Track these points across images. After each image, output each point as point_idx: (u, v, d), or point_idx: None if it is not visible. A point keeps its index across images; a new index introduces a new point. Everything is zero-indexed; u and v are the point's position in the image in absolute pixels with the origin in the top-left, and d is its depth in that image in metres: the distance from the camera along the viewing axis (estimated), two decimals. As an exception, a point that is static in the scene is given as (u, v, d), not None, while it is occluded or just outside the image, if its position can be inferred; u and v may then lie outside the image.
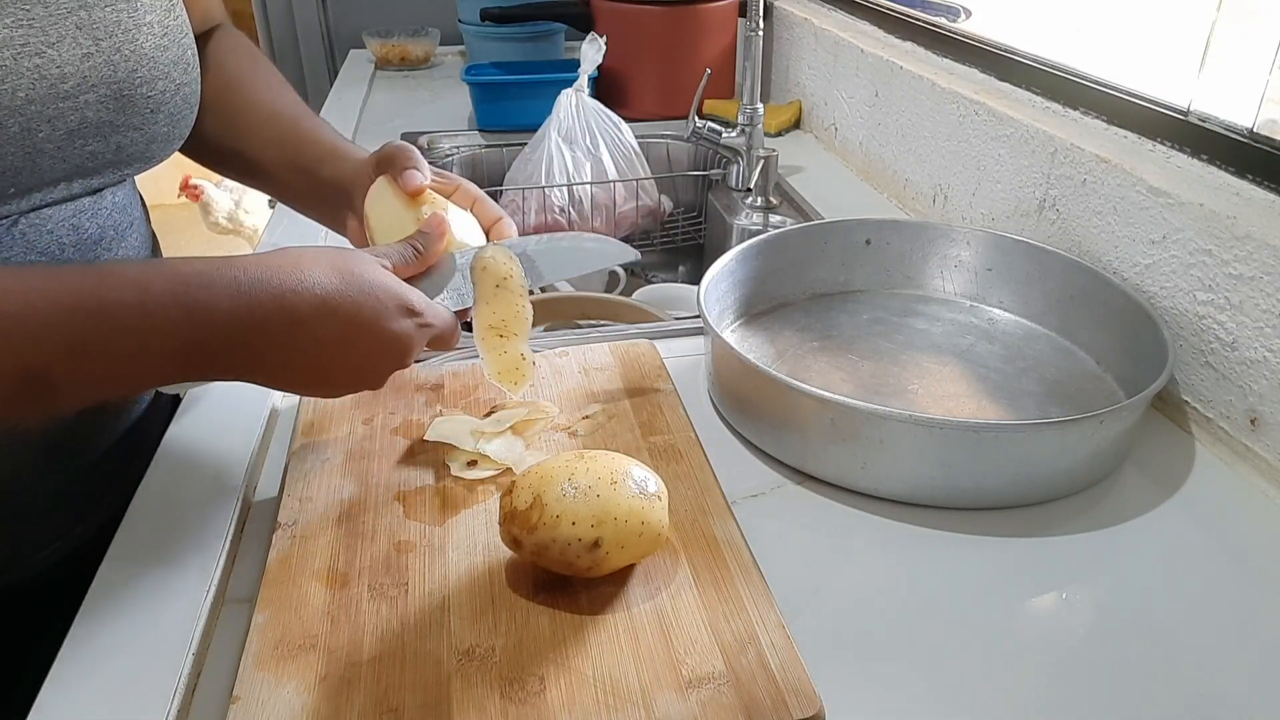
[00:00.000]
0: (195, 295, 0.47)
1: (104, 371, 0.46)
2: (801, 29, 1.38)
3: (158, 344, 0.46)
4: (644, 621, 0.49)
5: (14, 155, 0.52)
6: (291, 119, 0.70)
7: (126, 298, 0.46)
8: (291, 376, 0.52)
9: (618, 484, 0.50)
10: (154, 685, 0.47)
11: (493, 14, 1.51)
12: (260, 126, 0.69)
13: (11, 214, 0.54)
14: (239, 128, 0.70)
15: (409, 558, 0.54)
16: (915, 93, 1.06)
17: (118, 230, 0.63)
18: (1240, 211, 0.66)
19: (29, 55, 0.51)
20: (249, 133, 0.69)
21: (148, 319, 0.46)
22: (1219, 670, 0.50)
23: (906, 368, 0.76)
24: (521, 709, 0.44)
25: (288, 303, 0.48)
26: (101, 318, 0.45)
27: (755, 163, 1.11)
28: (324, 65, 2.08)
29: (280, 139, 0.69)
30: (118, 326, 0.45)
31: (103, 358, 0.46)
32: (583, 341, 0.79)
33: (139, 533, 0.57)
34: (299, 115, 0.70)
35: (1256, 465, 0.65)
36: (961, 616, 0.53)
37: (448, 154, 1.31)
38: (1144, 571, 0.56)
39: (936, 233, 0.86)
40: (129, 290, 0.46)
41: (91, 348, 0.45)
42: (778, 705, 0.44)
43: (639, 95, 1.43)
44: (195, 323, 0.47)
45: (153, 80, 0.58)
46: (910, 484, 0.60)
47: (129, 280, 0.46)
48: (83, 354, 0.45)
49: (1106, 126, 0.82)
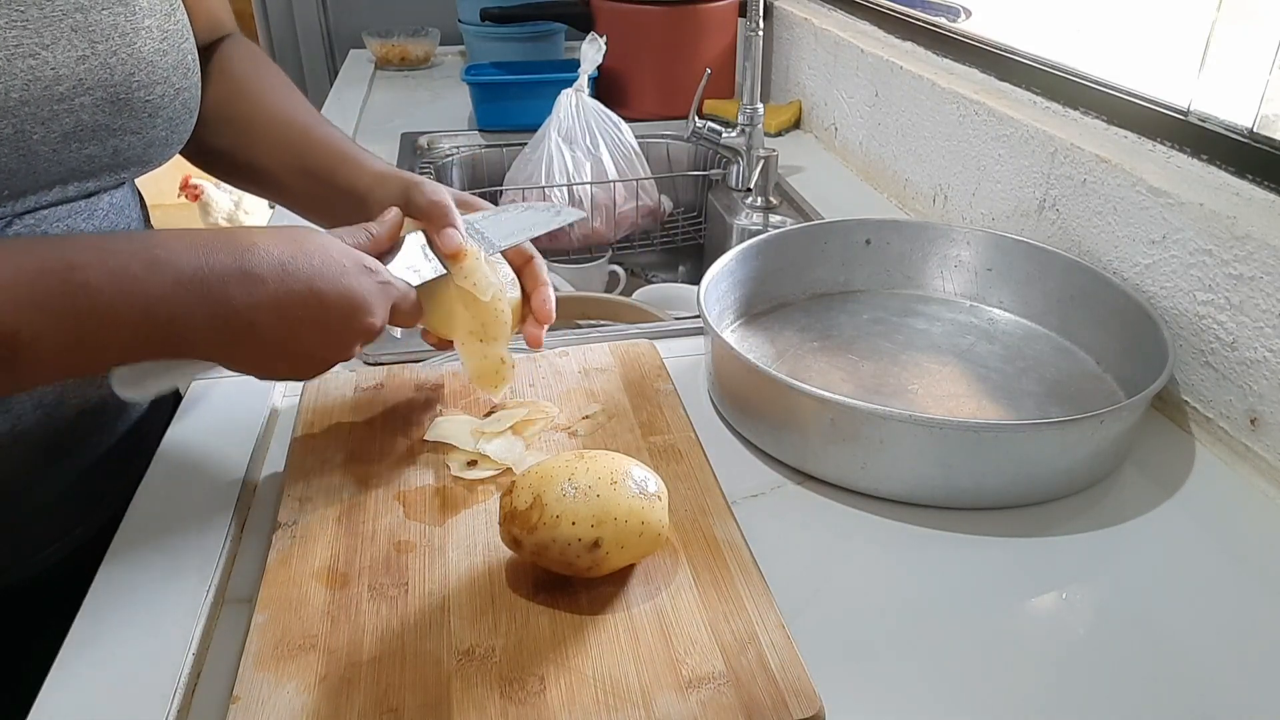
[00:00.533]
0: (155, 253, 0.48)
1: (72, 334, 0.46)
2: (801, 29, 1.38)
3: (123, 303, 0.47)
4: (644, 621, 0.49)
5: (8, 157, 0.52)
6: (303, 126, 0.69)
7: (89, 257, 0.47)
8: (256, 346, 0.52)
9: (618, 484, 0.50)
10: (154, 685, 0.47)
11: (493, 14, 1.51)
12: (271, 133, 0.69)
13: (6, 215, 0.54)
14: (249, 135, 0.69)
15: (409, 558, 0.54)
16: (915, 93, 1.06)
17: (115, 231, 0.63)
18: (1240, 211, 0.66)
19: (22, 56, 0.51)
20: (260, 140, 0.69)
21: (111, 277, 0.47)
22: (1219, 670, 0.50)
23: (906, 368, 0.76)
24: (521, 709, 0.44)
25: (247, 262, 0.49)
26: (66, 277, 0.46)
27: (755, 163, 1.11)
28: (324, 65, 2.08)
29: (291, 145, 0.68)
30: (82, 283, 0.46)
31: (72, 318, 0.46)
32: (583, 341, 0.79)
33: (139, 533, 0.57)
34: (311, 123, 0.69)
35: (1256, 465, 0.65)
36: (961, 616, 0.53)
37: (448, 154, 1.31)
38: (1144, 571, 0.56)
39: (936, 233, 0.86)
40: (91, 251, 0.47)
41: (58, 308, 0.45)
42: (778, 705, 0.44)
43: (639, 95, 1.43)
44: (157, 279, 0.47)
45: (151, 85, 0.58)
46: (910, 484, 0.60)
47: (92, 243, 0.48)
48: (50, 314, 0.45)
49: (1106, 126, 0.82)
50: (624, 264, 1.22)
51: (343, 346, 0.54)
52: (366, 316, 0.53)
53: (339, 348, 0.54)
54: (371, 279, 0.54)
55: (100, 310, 0.46)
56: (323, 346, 0.54)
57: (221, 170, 0.71)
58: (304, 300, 0.51)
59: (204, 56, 0.68)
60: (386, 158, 0.69)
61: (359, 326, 0.53)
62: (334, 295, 0.52)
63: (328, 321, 0.52)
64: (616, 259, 1.22)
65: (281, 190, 0.69)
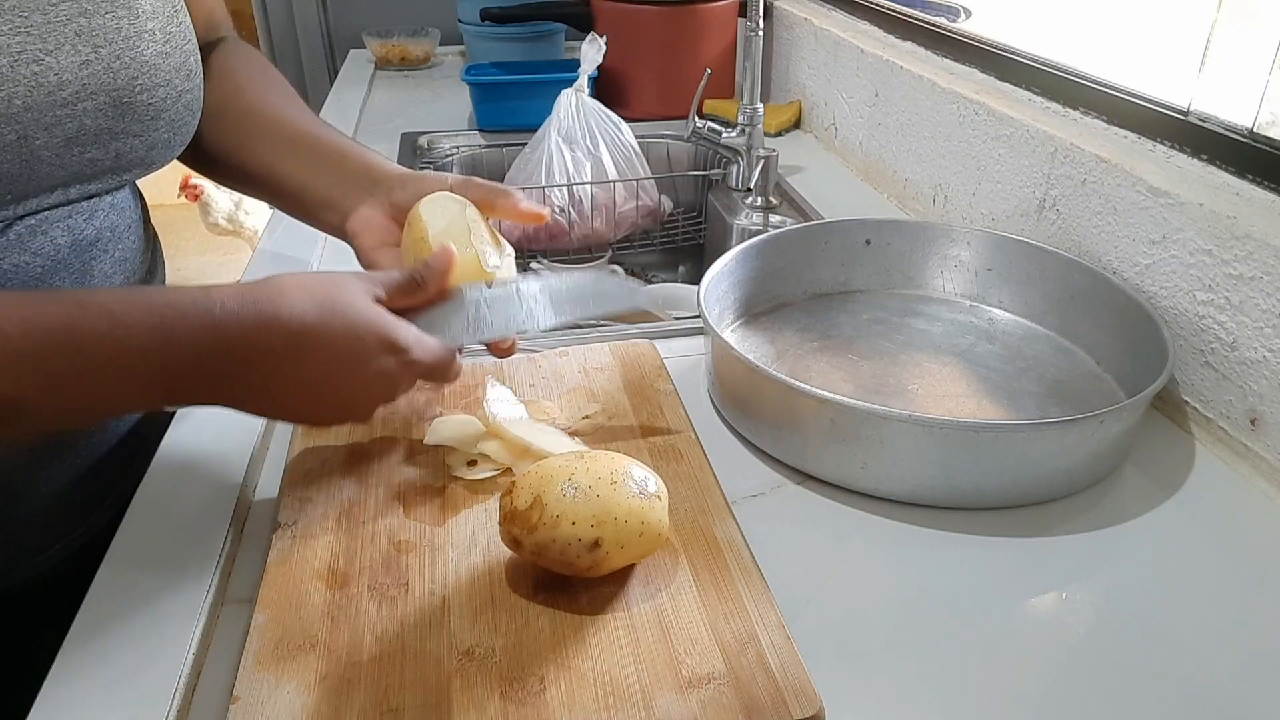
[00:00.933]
0: (170, 327, 0.47)
1: (78, 401, 0.47)
2: (801, 29, 1.38)
3: (132, 375, 0.47)
4: (644, 621, 0.49)
5: (10, 162, 0.52)
6: (305, 129, 0.69)
7: (100, 328, 0.45)
8: (271, 407, 0.53)
9: (618, 484, 0.50)
10: (154, 685, 0.47)
11: (493, 14, 1.51)
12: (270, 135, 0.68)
13: (7, 218, 0.54)
14: (249, 137, 0.68)
15: (409, 558, 0.54)
16: (915, 93, 1.06)
17: (115, 232, 0.63)
18: (1240, 211, 0.66)
19: (26, 62, 0.51)
20: (259, 142, 0.68)
21: (121, 351, 0.46)
22: (1219, 670, 0.50)
23: (906, 368, 0.76)
24: (521, 709, 0.44)
25: (261, 340, 0.48)
26: (75, 349, 0.45)
27: (755, 163, 1.11)
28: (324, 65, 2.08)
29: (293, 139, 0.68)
30: (92, 357, 0.45)
31: (76, 388, 0.46)
32: (583, 341, 0.79)
33: (139, 533, 0.57)
34: (311, 125, 0.69)
35: (1256, 465, 0.65)
36: (961, 616, 0.53)
37: (448, 154, 1.31)
38: (1144, 571, 0.56)
39: (936, 233, 0.86)
40: (103, 321, 0.46)
41: (65, 378, 0.45)
42: (778, 705, 0.44)
43: (639, 95, 1.43)
44: (170, 354, 0.47)
45: (153, 88, 0.58)
46: (910, 484, 0.60)
47: (104, 311, 0.46)
48: (56, 384, 0.45)
49: (1106, 126, 0.82)
50: (624, 264, 1.22)
51: (358, 415, 0.56)
52: (387, 396, 0.54)
53: (354, 416, 0.56)
54: (395, 360, 0.52)
55: (108, 384, 0.47)
56: (336, 415, 0.56)
57: (220, 174, 0.71)
58: (319, 374, 0.51)
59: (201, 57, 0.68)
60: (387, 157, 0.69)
61: (377, 401, 0.54)
62: (352, 379, 0.51)
63: (342, 400, 0.53)
64: (616, 259, 1.22)
65: (281, 193, 0.69)
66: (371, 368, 0.51)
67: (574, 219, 1.17)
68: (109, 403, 0.49)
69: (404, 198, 0.63)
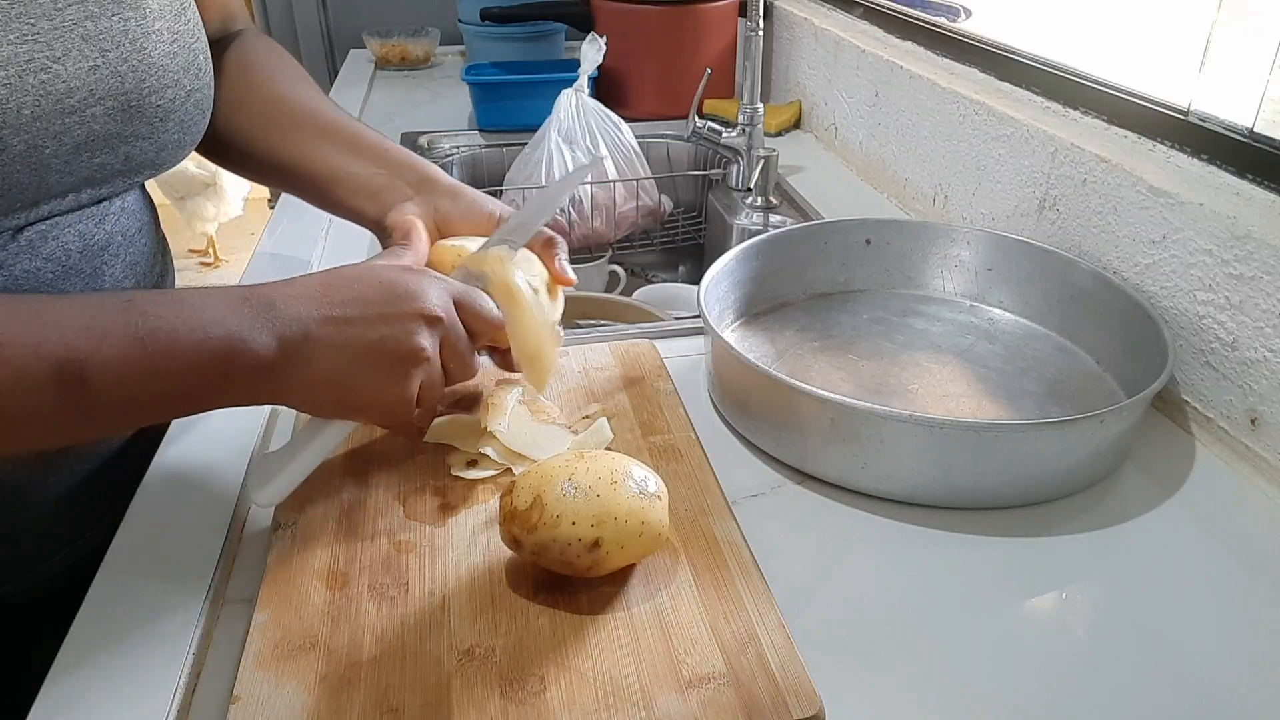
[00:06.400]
0: (205, 290, 0.50)
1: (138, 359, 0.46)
2: (801, 29, 1.38)
3: (183, 325, 0.47)
4: (644, 621, 0.49)
5: (19, 171, 0.51)
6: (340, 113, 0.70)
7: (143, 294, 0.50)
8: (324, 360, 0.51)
9: (618, 484, 0.50)
10: (154, 685, 0.47)
11: (493, 14, 1.51)
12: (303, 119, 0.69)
13: (18, 224, 0.54)
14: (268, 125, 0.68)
15: (409, 558, 0.54)
16: (915, 93, 1.06)
17: (126, 236, 0.62)
18: (1240, 211, 0.66)
19: (34, 71, 0.50)
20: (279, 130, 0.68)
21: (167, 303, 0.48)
22: (1219, 670, 0.50)
23: (906, 368, 0.76)
24: (521, 709, 0.44)
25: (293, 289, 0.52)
26: (125, 307, 0.47)
27: (755, 163, 1.11)
28: (324, 65, 2.08)
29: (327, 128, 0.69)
30: (140, 312, 0.47)
31: (135, 342, 0.46)
32: (583, 341, 0.79)
33: (139, 533, 0.57)
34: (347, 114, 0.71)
35: (1256, 465, 0.65)
36: (961, 616, 0.53)
37: (448, 154, 1.31)
38: (1144, 571, 0.56)
39: (936, 233, 0.86)
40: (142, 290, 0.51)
41: (120, 332, 0.46)
42: (778, 705, 0.44)
43: (639, 95, 1.43)
44: (212, 300, 0.49)
45: (162, 89, 0.57)
46: (910, 484, 0.60)
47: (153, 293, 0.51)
48: (112, 338, 0.45)
49: (1106, 126, 0.82)
50: (624, 264, 1.22)
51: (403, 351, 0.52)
52: (414, 302, 0.52)
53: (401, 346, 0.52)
54: (418, 275, 0.54)
55: (161, 334, 0.47)
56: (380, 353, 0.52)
57: (238, 163, 0.71)
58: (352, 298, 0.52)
59: (218, 49, 0.67)
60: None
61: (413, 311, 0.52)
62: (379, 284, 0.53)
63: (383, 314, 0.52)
64: (616, 259, 1.22)
65: (310, 181, 0.68)
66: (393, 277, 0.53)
67: (574, 219, 1.17)
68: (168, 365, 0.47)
69: (452, 210, 0.65)
